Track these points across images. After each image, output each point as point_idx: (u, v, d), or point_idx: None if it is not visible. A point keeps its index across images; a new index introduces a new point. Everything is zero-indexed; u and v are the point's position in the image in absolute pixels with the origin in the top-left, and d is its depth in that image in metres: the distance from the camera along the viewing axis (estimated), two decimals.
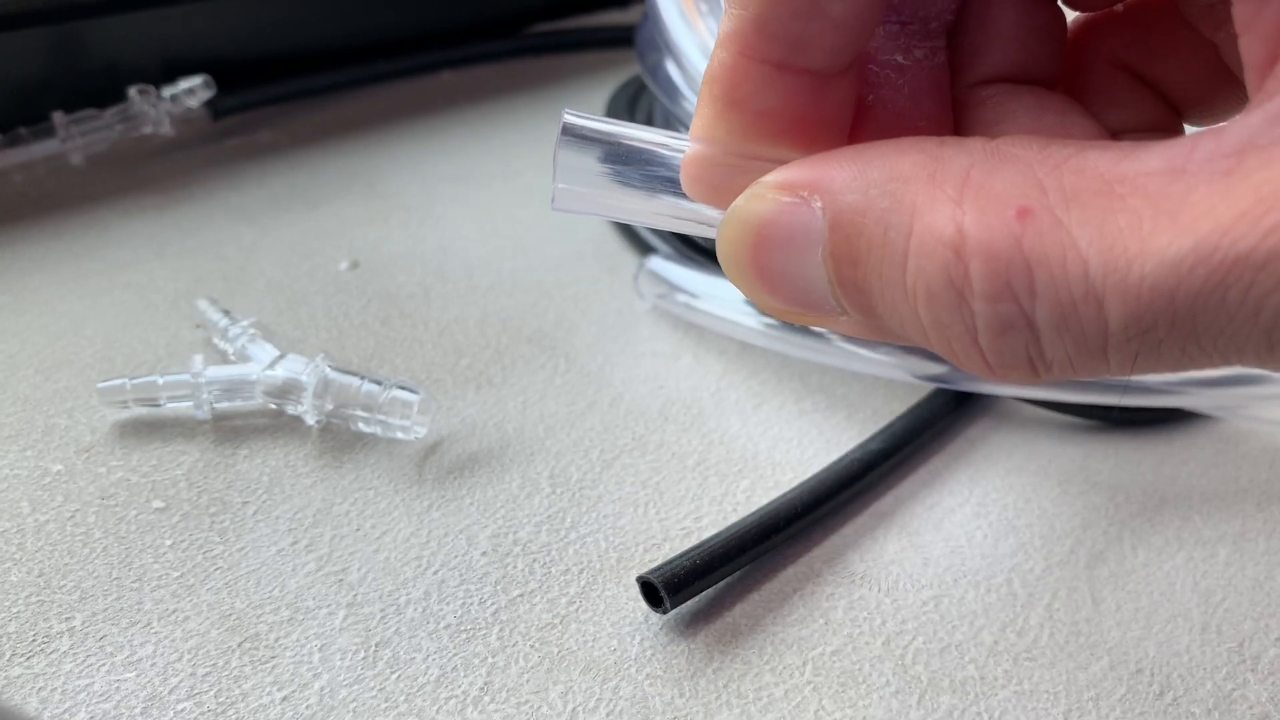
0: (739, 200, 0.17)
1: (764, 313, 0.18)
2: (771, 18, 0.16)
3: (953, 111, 0.19)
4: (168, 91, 0.45)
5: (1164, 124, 0.19)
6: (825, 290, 0.16)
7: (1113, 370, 0.14)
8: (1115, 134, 0.19)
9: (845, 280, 0.16)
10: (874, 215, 0.15)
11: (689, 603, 0.27)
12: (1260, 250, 0.12)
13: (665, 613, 0.27)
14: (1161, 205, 0.13)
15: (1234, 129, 0.13)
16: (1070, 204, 0.14)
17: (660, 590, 0.26)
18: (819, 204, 0.16)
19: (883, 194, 0.15)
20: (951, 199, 0.14)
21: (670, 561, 0.27)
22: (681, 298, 0.37)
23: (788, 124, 0.17)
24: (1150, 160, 0.13)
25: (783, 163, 0.16)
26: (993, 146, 0.15)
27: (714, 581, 0.27)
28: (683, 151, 0.17)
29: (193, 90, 0.45)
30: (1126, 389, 0.31)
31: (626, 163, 0.18)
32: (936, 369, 0.32)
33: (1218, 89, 0.19)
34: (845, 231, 0.15)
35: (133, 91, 0.44)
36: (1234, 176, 0.13)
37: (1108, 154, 0.14)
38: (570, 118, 0.17)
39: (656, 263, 0.38)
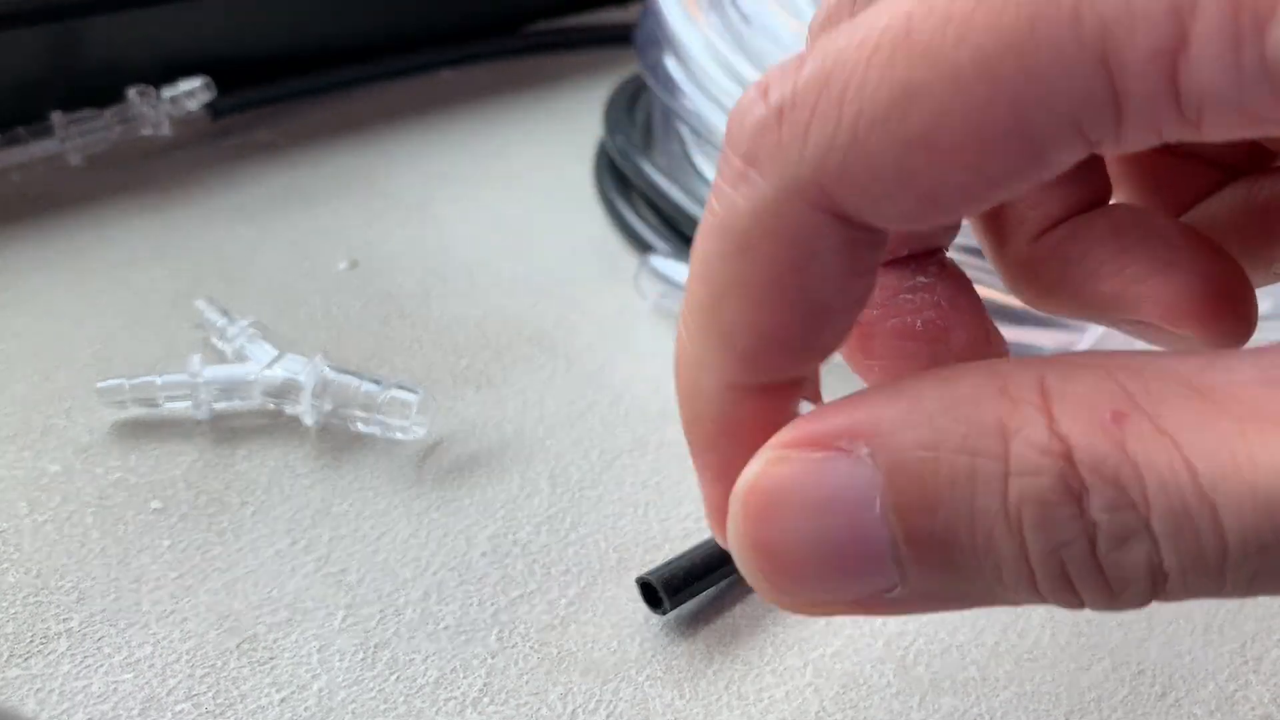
0: (747, 472, 0.14)
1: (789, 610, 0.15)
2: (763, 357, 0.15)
3: (1029, 266, 0.18)
4: (167, 93, 0.44)
5: (1217, 186, 0.19)
6: (882, 554, 0.14)
7: (1229, 593, 0.13)
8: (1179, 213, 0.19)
9: (918, 534, 0.13)
10: (951, 445, 0.13)
11: (689, 604, 0.27)
12: None
13: (665, 614, 0.27)
14: (1263, 412, 0.12)
15: None
16: (1162, 408, 0.13)
17: (659, 591, 0.26)
18: (866, 451, 0.13)
19: (953, 420, 0.13)
20: (1038, 408, 0.13)
21: (669, 562, 0.27)
22: (682, 296, 0.37)
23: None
24: (1242, 370, 0.13)
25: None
26: (1059, 358, 0.13)
27: (714, 582, 0.27)
28: None
29: (192, 93, 0.45)
30: None
31: None
32: None
33: (1266, 162, 0.19)
34: (913, 473, 0.13)
35: (132, 92, 0.44)
36: None
37: (1190, 361, 0.13)
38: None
39: (657, 261, 0.38)
